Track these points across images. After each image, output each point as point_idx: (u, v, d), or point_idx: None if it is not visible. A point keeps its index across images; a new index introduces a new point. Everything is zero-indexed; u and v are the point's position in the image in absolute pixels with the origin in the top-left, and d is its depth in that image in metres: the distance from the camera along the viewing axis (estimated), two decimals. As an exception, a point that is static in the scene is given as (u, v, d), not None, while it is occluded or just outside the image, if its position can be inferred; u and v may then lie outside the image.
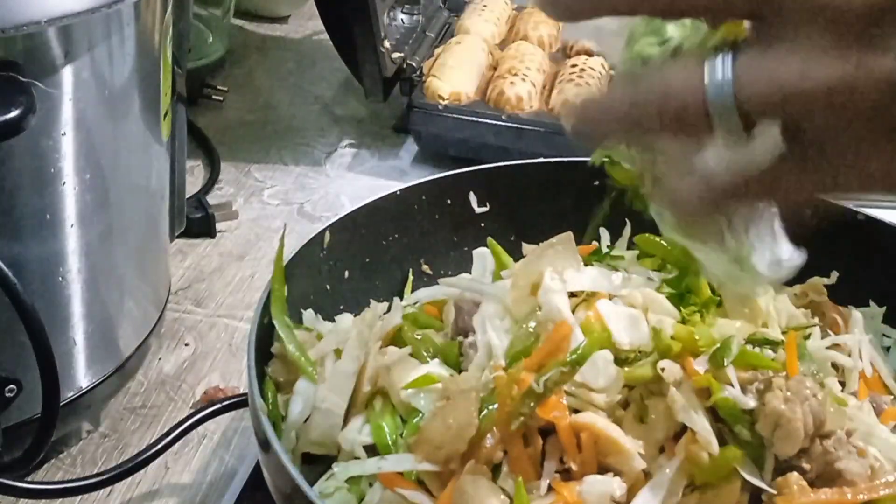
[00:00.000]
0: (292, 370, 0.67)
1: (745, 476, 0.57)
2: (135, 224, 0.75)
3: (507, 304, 0.66)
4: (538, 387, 0.58)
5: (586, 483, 0.57)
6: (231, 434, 0.82)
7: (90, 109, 0.65)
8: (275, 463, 0.58)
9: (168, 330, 0.91)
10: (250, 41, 1.44)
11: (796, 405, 0.57)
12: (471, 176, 0.82)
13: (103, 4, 0.61)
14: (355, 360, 0.66)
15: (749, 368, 0.60)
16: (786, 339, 0.63)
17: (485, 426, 0.59)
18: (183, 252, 1.02)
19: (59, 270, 0.68)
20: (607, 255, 0.75)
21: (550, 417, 0.58)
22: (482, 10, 1.33)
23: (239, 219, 1.07)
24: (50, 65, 0.61)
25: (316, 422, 0.65)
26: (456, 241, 0.83)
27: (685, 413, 0.58)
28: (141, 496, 0.76)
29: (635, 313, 0.62)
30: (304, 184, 1.15)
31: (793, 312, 0.70)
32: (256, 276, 1.00)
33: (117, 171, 0.70)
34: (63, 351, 0.70)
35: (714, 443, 0.57)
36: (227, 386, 0.86)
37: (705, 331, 0.61)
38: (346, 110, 1.29)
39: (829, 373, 0.66)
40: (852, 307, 0.74)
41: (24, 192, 0.63)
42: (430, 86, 1.15)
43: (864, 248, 0.78)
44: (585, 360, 0.59)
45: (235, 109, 1.27)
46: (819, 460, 0.58)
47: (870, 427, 0.61)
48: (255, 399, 0.61)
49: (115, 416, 0.82)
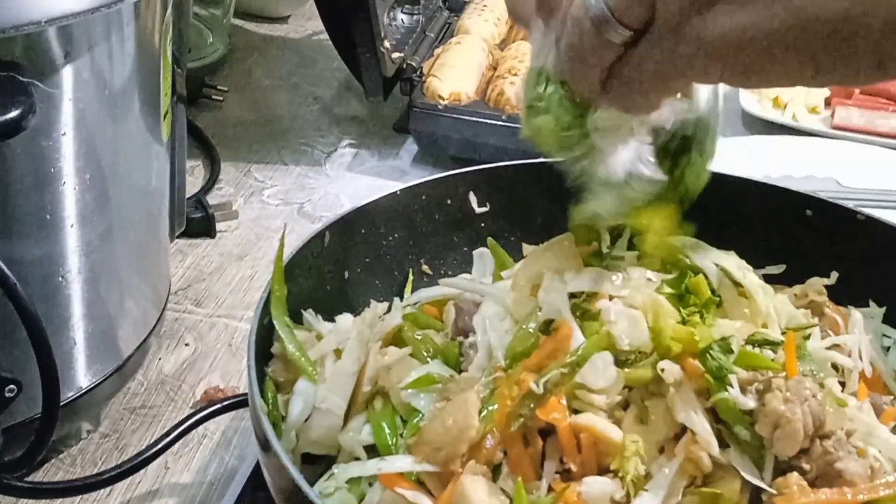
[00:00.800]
0: (292, 370, 0.67)
1: (745, 476, 0.57)
2: (135, 224, 0.75)
3: (507, 305, 0.66)
4: (538, 388, 0.58)
5: (586, 484, 0.57)
6: (231, 434, 0.82)
7: (90, 109, 0.65)
8: (275, 463, 0.58)
9: (168, 330, 0.91)
10: (250, 41, 1.44)
11: (796, 406, 0.57)
12: (471, 176, 0.82)
13: (103, 4, 0.61)
14: (355, 361, 0.66)
15: (749, 369, 0.60)
16: (785, 339, 0.63)
17: (485, 427, 0.59)
18: (183, 252, 1.02)
19: (59, 270, 0.68)
20: (607, 256, 0.75)
21: (550, 419, 0.58)
22: (482, 10, 1.33)
23: (239, 219, 1.07)
24: (50, 65, 0.61)
25: (316, 422, 0.65)
26: (456, 241, 0.83)
27: (685, 414, 0.58)
28: (141, 496, 0.76)
29: (635, 314, 0.62)
30: (304, 184, 1.15)
31: (793, 313, 0.70)
32: (256, 276, 1.00)
33: (117, 171, 0.70)
34: (63, 351, 0.70)
35: (714, 443, 0.57)
36: (227, 386, 0.86)
37: (705, 331, 0.61)
38: (346, 110, 1.29)
39: (829, 373, 0.66)
40: (852, 307, 0.74)
41: (24, 192, 0.63)
42: (430, 86, 1.15)
43: (864, 248, 0.78)
44: (585, 362, 0.59)
45: (235, 109, 1.27)
46: (819, 460, 0.58)
47: (870, 427, 0.61)
48: (255, 399, 0.61)
49: (115, 416, 0.82)
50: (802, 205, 0.81)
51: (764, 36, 0.47)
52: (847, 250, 0.78)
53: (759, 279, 0.69)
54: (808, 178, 1.16)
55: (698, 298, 0.65)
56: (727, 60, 0.48)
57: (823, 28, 0.46)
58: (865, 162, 1.21)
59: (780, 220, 0.81)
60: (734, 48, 0.48)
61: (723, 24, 0.48)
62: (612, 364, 0.60)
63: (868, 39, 0.45)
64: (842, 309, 0.73)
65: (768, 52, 0.47)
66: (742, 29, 0.47)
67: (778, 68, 0.48)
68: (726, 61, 0.48)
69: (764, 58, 0.48)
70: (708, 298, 0.65)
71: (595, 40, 0.51)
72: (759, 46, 0.47)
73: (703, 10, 0.48)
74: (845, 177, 1.17)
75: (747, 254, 0.71)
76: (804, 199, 0.81)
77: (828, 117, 1.34)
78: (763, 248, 0.75)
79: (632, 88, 0.53)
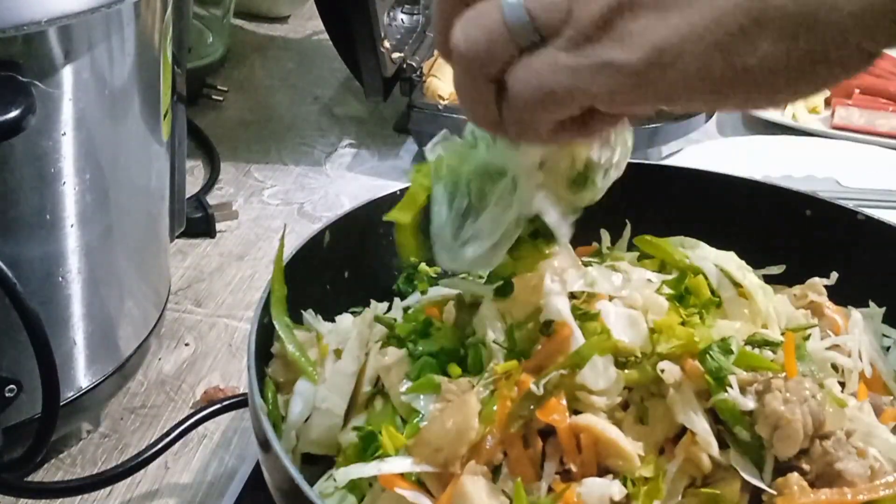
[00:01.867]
0: (292, 370, 0.67)
1: (745, 477, 0.57)
2: (135, 224, 0.75)
3: (507, 306, 0.66)
4: (538, 389, 0.58)
5: (585, 485, 0.56)
6: (231, 434, 0.82)
7: (90, 109, 0.65)
8: (275, 463, 0.58)
9: (168, 330, 0.91)
10: (250, 41, 1.44)
11: (795, 406, 0.57)
12: (471, 176, 0.82)
13: (103, 4, 0.61)
14: (355, 361, 0.66)
15: (749, 369, 0.60)
16: (785, 340, 0.63)
17: (484, 428, 0.58)
18: (183, 252, 1.02)
19: (59, 270, 0.68)
20: (607, 256, 0.75)
21: (550, 420, 0.58)
22: (482, 10, 1.33)
23: (239, 219, 1.07)
24: (50, 65, 0.61)
25: (316, 422, 0.65)
26: (456, 241, 0.83)
27: (685, 415, 0.58)
28: (141, 496, 0.76)
29: (635, 314, 0.62)
30: (304, 184, 1.15)
31: (792, 313, 0.70)
32: (256, 276, 1.00)
33: (117, 171, 0.70)
34: (63, 351, 0.70)
35: (714, 444, 0.57)
36: (227, 386, 0.86)
37: (705, 332, 0.61)
38: (346, 110, 1.29)
39: (828, 373, 0.66)
40: (852, 307, 0.74)
41: (24, 192, 0.63)
42: (430, 86, 1.15)
43: (864, 248, 0.78)
44: (585, 363, 0.59)
45: (235, 109, 1.27)
46: (819, 461, 0.58)
47: (869, 427, 0.61)
48: (255, 399, 0.61)
49: (115, 416, 0.82)
50: (802, 205, 0.81)
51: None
52: (847, 250, 0.78)
53: (758, 279, 0.69)
54: (808, 178, 1.16)
55: (698, 299, 0.65)
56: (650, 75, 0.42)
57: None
58: (865, 162, 1.22)
59: (780, 220, 0.81)
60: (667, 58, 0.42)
61: (652, 28, 0.42)
62: (612, 365, 0.60)
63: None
64: (841, 309, 0.73)
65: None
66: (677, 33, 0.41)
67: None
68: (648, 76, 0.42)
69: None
70: (708, 299, 0.66)
71: (499, 44, 0.46)
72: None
73: (627, 13, 0.43)
74: (845, 177, 1.17)
75: (747, 254, 0.71)
76: (804, 199, 0.81)
77: (828, 117, 1.34)
78: (763, 248, 0.75)
79: (523, 102, 0.46)
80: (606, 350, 0.60)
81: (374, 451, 0.60)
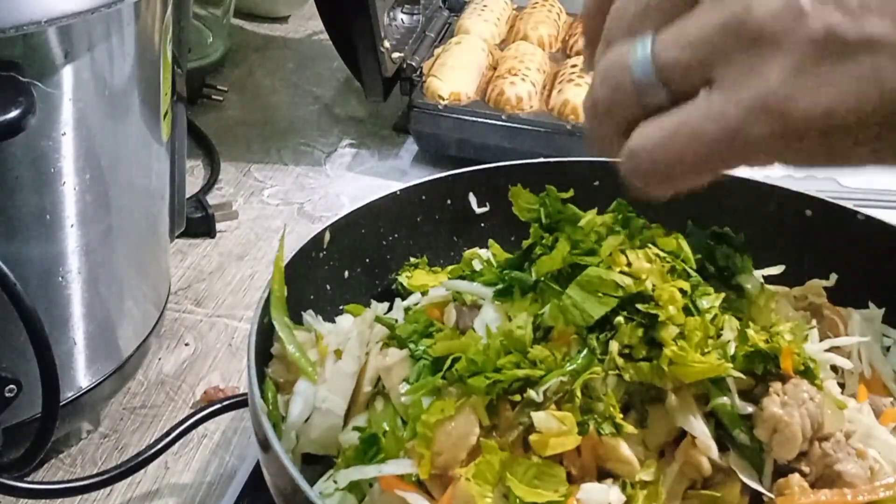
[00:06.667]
0: (292, 370, 0.67)
1: (744, 480, 0.57)
2: (135, 224, 0.75)
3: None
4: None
5: (584, 491, 0.56)
6: (231, 434, 0.82)
7: (90, 109, 0.65)
8: (275, 463, 0.58)
9: (168, 330, 0.91)
10: (250, 41, 1.44)
11: (794, 409, 0.57)
12: (471, 176, 0.82)
13: (103, 4, 0.61)
14: (356, 361, 0.66)
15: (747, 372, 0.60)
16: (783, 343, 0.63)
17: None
18: (183, 252, 1.02)
19: (59, 270, 0.68)
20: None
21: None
22: (482, 10, 1.33)
23: (239, 219, 1.07)
24: (50, 65, 0.61)
25: (316, 422, 0.65)
26: (456, 241, 0.83)
27: (684, 418, 0.58)
28: (141, 496, 0.76)
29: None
30: (304, 184, 1.15)
31: (791, 315, 0.70)
32: (256, 276, 1.00)
33: (117, 171, 0.70)
34: (63, 351, 0.70)
35: (713, 447, 0.57)
36: (227, 386, 0.86)
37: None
38: (346, 110, 1.29)
39: (828, 375, 0.66)
40: (851, 308, 0.74)
41: (24, 192, 0.63)
42: (430, 86, 1.15)
43: (864, 248, 0.78)
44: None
45: (235, 109, 1.27)
46: (818, 463, 0.58)
47: (869, 429, 0.61)
48: (255, 399, 0.61)
49: (115, 416, 0.82)
50: (802, 205, 0.81)
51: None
52: (847, 250, 0.78)
53: (758, 280, 0.69)
54: (808, 178, 1.16)
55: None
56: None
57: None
58: (865, 162, 1.21)
59: (780, 220, 0.81)
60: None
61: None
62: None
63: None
64: (841, 310, 0.73)
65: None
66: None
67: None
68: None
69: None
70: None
71: (625, 100, 0.44)
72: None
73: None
74: (845, 177, 1.17)
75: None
76: (804, 199, 0.81)
77: (828, 117, 1.33)
78: (763, 248, 0.75)
79: (655, 159, 0.43)
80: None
81: (374, 454, 0.60)
